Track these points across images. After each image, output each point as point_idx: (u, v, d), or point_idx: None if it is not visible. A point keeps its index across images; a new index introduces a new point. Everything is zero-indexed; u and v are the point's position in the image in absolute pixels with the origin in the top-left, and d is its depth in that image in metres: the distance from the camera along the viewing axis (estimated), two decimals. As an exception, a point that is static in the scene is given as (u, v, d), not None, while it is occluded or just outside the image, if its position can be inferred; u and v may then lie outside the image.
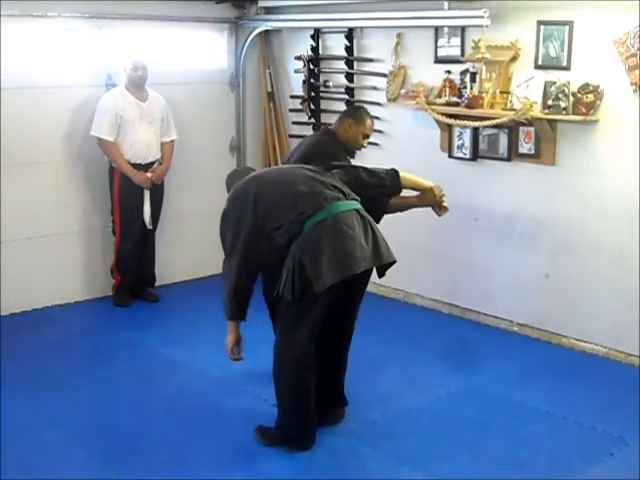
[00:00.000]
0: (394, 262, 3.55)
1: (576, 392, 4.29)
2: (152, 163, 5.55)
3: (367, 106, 5.73)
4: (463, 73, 5.09)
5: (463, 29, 5.09)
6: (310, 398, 3.58)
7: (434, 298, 5.59)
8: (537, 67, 4.76)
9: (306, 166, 3.66)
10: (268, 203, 3.44)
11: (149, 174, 5.51)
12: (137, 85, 5.45)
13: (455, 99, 5.10)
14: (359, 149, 4.20)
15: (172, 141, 5.67)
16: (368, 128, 4.18)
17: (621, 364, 4.66)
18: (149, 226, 5.60)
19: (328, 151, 3.98)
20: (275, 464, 3.57)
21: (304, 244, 3.35)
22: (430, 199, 3.88)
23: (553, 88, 4.59)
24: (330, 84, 6.04)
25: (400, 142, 5.64)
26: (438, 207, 3.91)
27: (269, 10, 6.23)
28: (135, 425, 3.93)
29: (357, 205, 3.51)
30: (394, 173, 3.76)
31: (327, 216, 3.37)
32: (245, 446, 3.72)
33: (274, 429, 3.69)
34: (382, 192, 3.75)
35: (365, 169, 3.75)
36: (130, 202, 5.49)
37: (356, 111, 4.29)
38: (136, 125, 5.41)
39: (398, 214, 4.01)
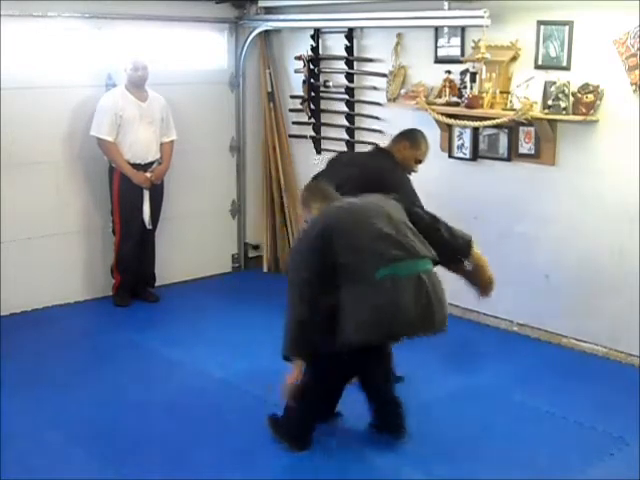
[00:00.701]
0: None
1: (576, 392, 4.29)
2: (151, 163, 5.54)
3: (367, 106, 5.82)
4: (463, 73, 5.09)
5: (463, 29, 5.09)
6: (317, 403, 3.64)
7: (434, 298, 5.58)
8: (537, 67, 4.76)
9: (385, 208, 3.46)
10: (335, 246, 3.32)
11: (148, 174, 5.51)
12: (137, 85, 5.45)
13: (455, 99, 5.10)
14: (410, 173, 4.05)
15: (172, 141, 5.67)
16: (422, 154, 4.08)
17: (621, 364, 4.66)
18: (148, 226, 5.59)
19: (397, 178, 3.88)
20: (275, 464, 3.57)
21: (345, 298, 3.30)
22: (479, 280, 3.74)
23: (553, 88, 4.59)
24: (330, 84, 6.03)
25: (400, 142, 5.64)
26: (480, 291, 3.81)
27: (269, 10, 6.23)
28: (135, 425, 3.93)
29: (422, 266, 3.35)
30: (469, 242, 3.65)
31: (384, 276, 3.25)
32: (245, 446, 3.73)
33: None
34: (452, 252, 3.63)
35: (445, 225, 3.63)
36: (130, 202, 5.49)
37: (413, 135, 4.13)
38: (136, 125, 5.41)
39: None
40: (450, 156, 5.34)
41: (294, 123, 6.38)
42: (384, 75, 5.61)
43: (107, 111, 5.35)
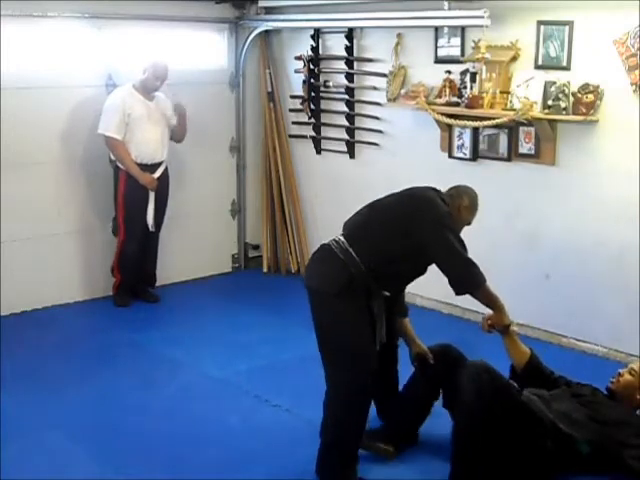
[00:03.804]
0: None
1: (576, 392, 4.28)
2: (158, 164, 5.53)
3: (367, 106, 5.82)
4: (463, 73, 5.09)
5: (463, 29, 5.09)
6: None
7: (434, 298, 5.58)
8: (537, 67, 4.76)
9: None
10: None
11: (156, 175, 5.50)
12: (149, 90, 5.43)
13: (455, 99, 5.10)
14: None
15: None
16: (472, 219, 3.87)
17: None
18: (152, 228, 5.57)
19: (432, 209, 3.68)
20: (275, 465, 3.57)
21: None
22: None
23: (553, 88, 4.59)
24: (330, 84, 6.04)
25: (400, 142, 5.64)
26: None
27: (269, 10, 6.23)
28: (135, 425, 3.93)
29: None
30: (465, 283, 3.71)
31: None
32: (245, 447, 3.73)
33: None
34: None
35: (453, 263, 3.72)
36: (135, 203, 5.47)
37: (474, 197, 3.86)
38: (143, 124, 5.38)
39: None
40: (450, 156, 5.33)
41: (294, 123, 6.39)
42: (384, 75, 5.61)
43: (116, 109, 5.32)
